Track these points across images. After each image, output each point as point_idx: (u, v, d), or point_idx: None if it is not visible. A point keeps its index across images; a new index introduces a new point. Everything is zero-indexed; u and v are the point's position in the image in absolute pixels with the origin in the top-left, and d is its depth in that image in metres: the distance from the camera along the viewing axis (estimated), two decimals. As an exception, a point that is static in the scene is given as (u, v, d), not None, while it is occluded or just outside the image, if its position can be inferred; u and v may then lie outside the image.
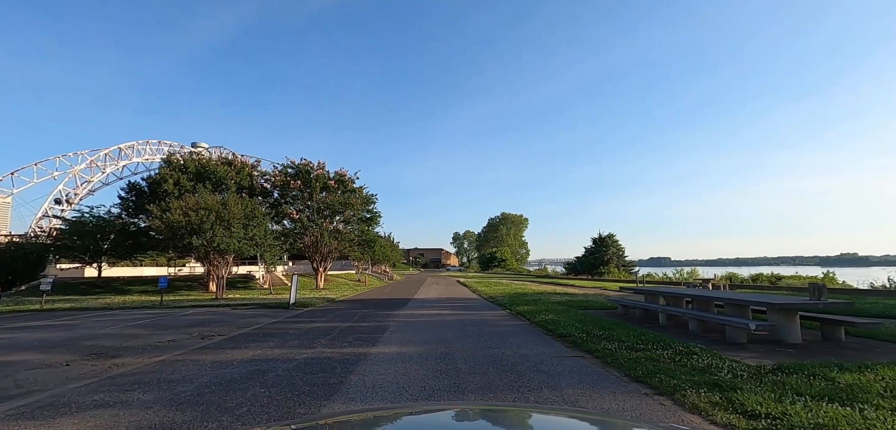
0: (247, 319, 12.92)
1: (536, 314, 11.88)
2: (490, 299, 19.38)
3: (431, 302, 18.43)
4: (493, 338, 8.90)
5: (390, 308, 15.69)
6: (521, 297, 18.92)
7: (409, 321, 11.88)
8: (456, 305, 17.19)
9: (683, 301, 10.77)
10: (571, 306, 14.41)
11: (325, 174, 26.14)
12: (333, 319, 12.66)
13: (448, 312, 14.37)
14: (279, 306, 16.09)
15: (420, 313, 13.87)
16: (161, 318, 13.26)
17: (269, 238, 21.18)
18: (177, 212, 17.93)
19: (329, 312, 14.65)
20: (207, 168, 22.64)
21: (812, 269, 55.93)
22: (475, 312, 14.26)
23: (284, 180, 25.43)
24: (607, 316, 11.73)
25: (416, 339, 8.91)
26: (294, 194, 25.66)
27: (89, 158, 32.57)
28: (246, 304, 17.19)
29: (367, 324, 11.35)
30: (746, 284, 28.32)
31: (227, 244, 18.22)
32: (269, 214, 26.50)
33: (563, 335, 8.73)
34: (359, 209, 27.20)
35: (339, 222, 27.70)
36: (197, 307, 16.22)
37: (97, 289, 24.19)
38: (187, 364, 6.81)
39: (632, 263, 53.53)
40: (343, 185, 26.56)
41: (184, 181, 21.54)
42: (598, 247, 53.19)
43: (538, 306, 14.23)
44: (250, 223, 19.80)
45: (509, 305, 15.50)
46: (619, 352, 6.85)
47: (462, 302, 18.45)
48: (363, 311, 14.82)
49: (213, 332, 10.41)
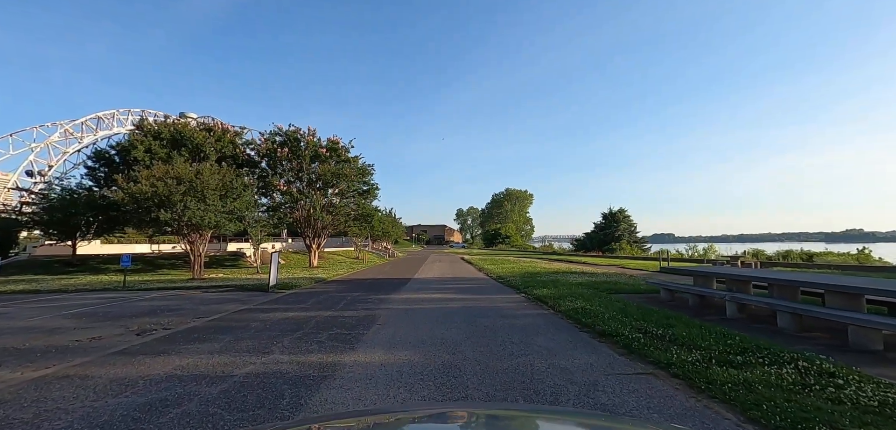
0: (212, 305, 10.80)
1: (561, 301, 9.66)
2: (499, 279, 17.20)
3: (433, 283, 16.28)
4: (513, 337, 6.69)
5: (385, 291, 13.55)
6: (535, 277, 16.73)
7: (405, 310, 9.70)
8: (461, 287, 15.02)
9: (750, 286, 8.50)
10: (598, 288, 12.18)
11: (317, 142, 23.71)
12: (314, 305, 10.51)
13: (452, 296, 12.19)
14: (258, 289, 13.99)
15: (419, 298, 11.70)
16: (110, 305, 11.17)
17: (252, 211, 18.95)
18: (144, 182, 15.71)
19: (313, 296, 12.53)
20: (184, 134, 20.30)
21: (818, 245, 53.45)
22: (484, 296, 12.07)
23: (271, 148, 23.06)
24: (649, 302, 9.50)
25: (411, 338, 6.72)
26: (283, 164, 23.33)
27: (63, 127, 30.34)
28: (222, 286, 15.11)
29: (352, 314, 9.18)
30: (776, 261, 25.99)
31: (202, 218, 16.05)
32: (257, 186, 24.24)
33: (607, 334, 6.49)
34: (354, 181, 24.86)
35: (334, 194, 25.39)
36: (164, 290, 14.15)
37: (71, 268, 22.26)
38: (71, 384, 4.65)
39: (643, 239, 51.20)
40: (336, 154, 24.15)
41: (156, 148, 19.23)
42: (608, 223, 50.80)
43: (559, 289, 12.01)
44: (229, 195, 17.56)
45: (523, 287, 13.30)
46: (709, 367, 4.61)
47: (468, 283, 16.28)
48: (353, 295, 12.68)
49: (158, 324, 8.29)
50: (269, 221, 24.19)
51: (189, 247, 17.81)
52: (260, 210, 26.49)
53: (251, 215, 19.79)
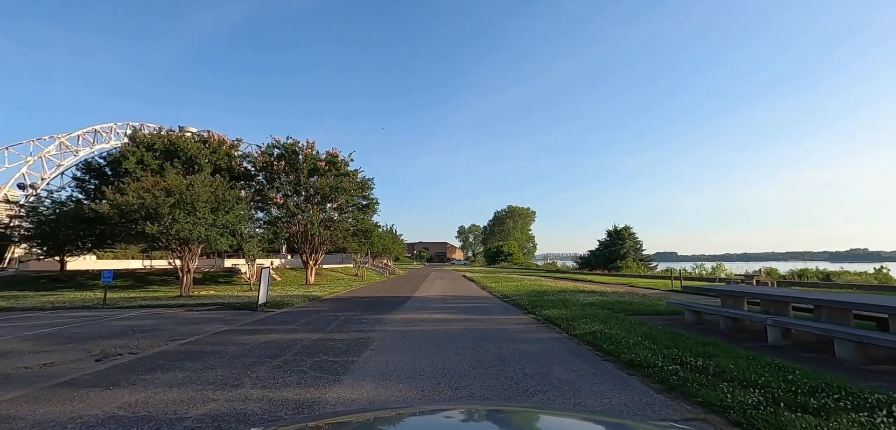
0: (192, 325, 9.89)
1: (575, 323, 8.71)
2: (505, 298, 16.23)
3: (434, 302, 15.33)
4: (527, 367, 5.76)
5: (382, 310, 12.62)
6: (542, 296, 15.77)
7: (403, 333, 8.77)
8: (464, 306, 14.07)
9: (790, 308, 7.56)
10: (612, 309, 11.22)
11: (315, 155, 23.06)
12: (303, 326, 9.58)
13: (454, 317, 11.24)
14: (245, 308, 13.07)
15: (418, 319, 10.75)
16: (82, 325, 10.26)
17: (245, 226, 18.14)
18: (131, 194, 14.96)
19: (304, 315, 11.60)
20: (178, 145, 19.66)
21: (823, 264, 52.17)
22: (489, 317, 11.12)
23: (268, 161, 22.41)
24: (673, 325, 8.54)
25: (407, 368, 5.80)
26: (280, 178, 22.63)
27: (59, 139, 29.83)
28: (210, 304, 14.19)
29: (343, 337, 8.26)
30: (792, 281, 24.90)
31: (190, 232, 15.23)
32: (253, 200, 23.50)
33: (636, 365, 5.56)
34: (353, 195, 24.10)
35: (332, 209, 24.62)
36: (146, 309, 13.25)
37: (58, 284, 21.39)
38: (-18, 430, 3.76)
39: (649, 257, 50.06)
40: (335, 167, 23.47)
41: (149, 160, 18.57)
42: (613, 240, 49.77)
43: (570, 309, 11.06)
44: (221, 208, 16.78)
45: (531, 307, 12.35)
46: (778, 413, 3.68)
47: (471, 303, 15.32)
48: (347, 314, 11.75)
49: (125, 348, 7.40)
50: (266, 236, 23.38)
51: (178, 262, 16.95)
52: (257, 225, 25.74)
53: (244, 230, 18.96)
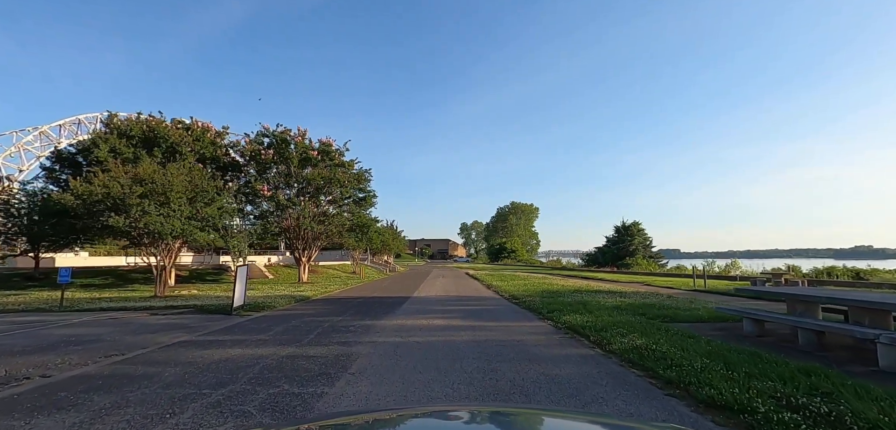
0: (145, 335, 8.29)
1: (607, 334, 7.05)
2: (513, 299, 14.58)
3: (435, 304, 13.69)
4: (561, 405, 4.09)
5: (375, 314, 10.99)
6: (556, 297, 14.12)
7: (395, 346, 7.12)
8: (469, 309, 12.43)
9: (891, 318, 5.88)
10: (644, 314, 9.55)
11: (307, 144, 21.42)
12: (275, 338, 7.95)
13: (458, 323, 9.59)
14: (220, 311, 11.46)
15: (415, 327, 9.10)
16: (17, 332, 8.67)
17: (228, 219, 16.53)
18: (96, 183, 13.38)
19: (283, 321, 9.98)
20: (157, 132, 18.07)
21: (828, 261, 50.25)
22: (500, 323, 9.47)
23: (256, 150, 20.79)
24: (730, 338, 6.87)
25: (394, 406, 4.14)
26: (269, 168, 21.01)
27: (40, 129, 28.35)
28: (182, 306, 12.60)
29: (319, 353, 6.63)
30: (822, 280, 23.14)
31: (162, 226, 13.63)
32: (242, 192, 21.91)
33: (723, 408, 3.89)
34: (348, 187, 22.45)
35: (326, 202, 22.99)
36: (105, 312, 11.66)
37: (31, 282, 19.89)
38: None
39: (659, 254, 48.26)
40: (328, 157, 21.82)
41: (123, 148, 16.99)
42: (621, 237, 47.99)
43: (593, 314, 9.39)
44: (199, 199, 15.17)
45: (546, 310, 10.68)
46: None
47: (476, 305, 13.67)
48: (333, 320, 10.12)
49: (44, 367, 5.82)
50: (254, 230, 21.81)
51: (153, 260, 15.35)
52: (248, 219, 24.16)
53: (225, 223, 17.36)
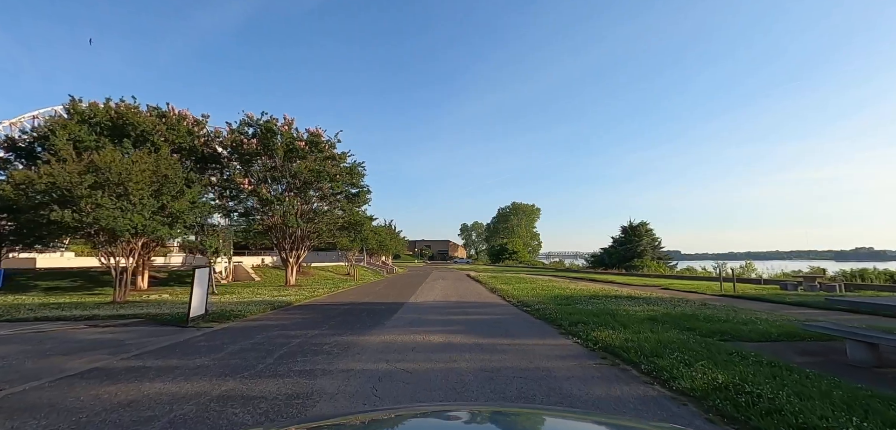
0: (56, 358, 6.41)
1: (662, 360, 5.19)
2: (523, 306, 12.68)
3: (432, 312, 11.81)
4: None
5: (361, 327, 9.11)
6: (571, 303, 12.26)
7: (375, 378, 5.24)
8: (472, 318, 10.54)
9: None
10: (693, 330, 7.66)
11: (294, 134, 19.55)
12: (223, 362, 6.07)
13: (461, 340, 7.70)
14: (175, 323, 9.57)
15: (406, 346, 7.22)
16: None
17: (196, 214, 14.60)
18: (41, 172, 11.52)
19: (245, 336, 8.10)
20: (126, 118, 16.22)
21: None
22: (513, 341, 7.58)
23: (238, 140, 18.92)
24: (828, 367, 5.01)
25: None
26: (250, 160, 19.12)
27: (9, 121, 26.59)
28: (132, 316, 10.69)
29: (271, 389, 4.75)
30: (857, 283, 21.24)
31: (117, 221, 11.76)
32: (223, 187, 20.05)
33: None
34: (339, 182, 20.55)
35: (316, 198, 21.11)
36: (40, 322, 9.76)
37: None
38: None
39: (667, 255, 46.35)
40: (317, 148, 19.95)
41: (84, 136, 15.14)
42: (628, 237, 46.09)
43: (629, 330, 7.51)
44: (166, 191, 13.29)
45: (566, 322, 8.81)
46: None
47: (481, 313, 11.78)
48: (308, 334, 8.24)
49: None
50: (238, 229, 19.96)
51: (113, 260, 13.46)
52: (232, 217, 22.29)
53: (201, 219, 15.50)
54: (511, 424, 1.20)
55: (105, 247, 13.07)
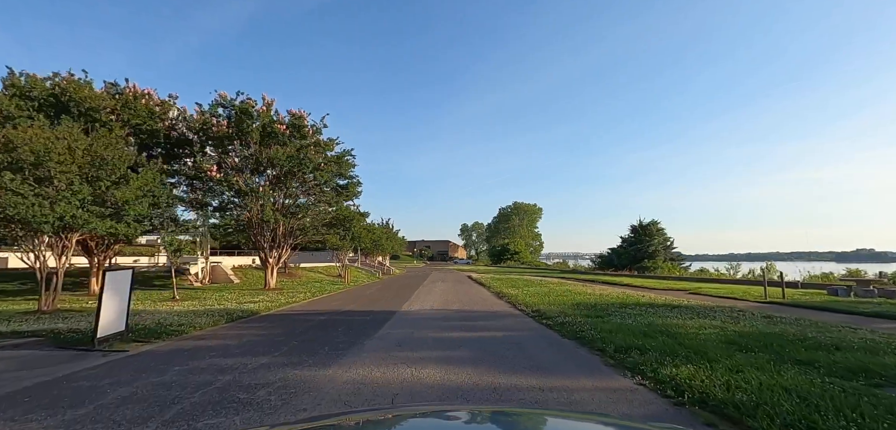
0: None
1: None
2: (540, 317, 10.23)
3: (428, 328, 9.37)
4: None
5: (329, 353, 6.68)
6: (602, 315, 9.86)
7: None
8: (480, 337, 8.09)
9: None
10: (806, 363, 5.25)
11: (273, 116, 17.12)
12: (89, 422, 3.63)
13: (467, 378, 5.26)
14: (77, 345, 7.13)
15: (384, 387, 4.77)
16: None
17: (142, 204, 12.12)
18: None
19: (162, 367, 5.68)
20: (70, 94, 13.78)
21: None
22: (543, 380, 5.12)
23: (206, 122, 16.46)
24: None
25: None
26: (224, 145, 16.64)
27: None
28: (28, 334, 8.24)
29: None
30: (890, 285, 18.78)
31: (32, 211, 9.35)
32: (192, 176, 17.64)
33: None
34: (325, 171, 18.08)
35: (299, 190, 18.66)
36: None
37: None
38: None
39: (681, 256, 43.91)
40: (299, 133, 17.52)
41: (15, 112, 12.72)
42: (639, 237, 43.64)
43: (726, 367, 5.12)
44: (104, 177, 10.88)
45: (610, 346, 6.39)
46: None
47: (490, 327, 9.35)
48: (252, 364, 5.81)
49: None
50: (206, 224, 17.56)
51: (32, 259, 11.01)
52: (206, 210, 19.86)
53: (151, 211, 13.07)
54: (511, 424, 1.21)
55: (24, 242, 10.65)
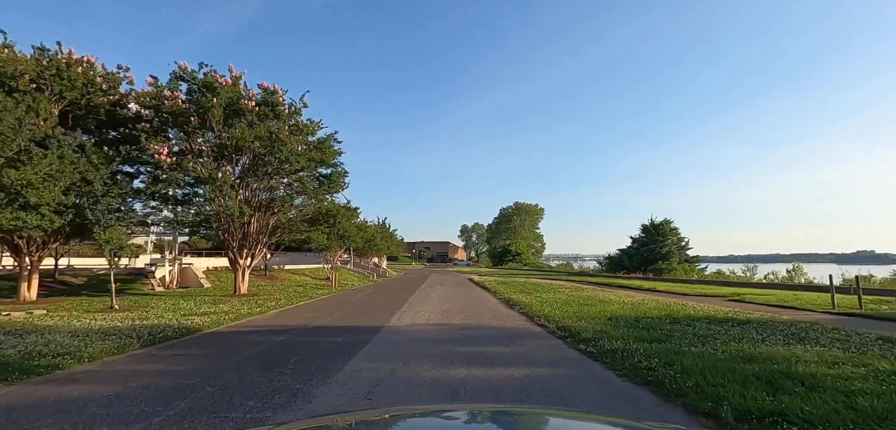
0: None
1: None
2: (571, 337, 7.51)
3: (419, 357, 6.65)
4: None
5: (264, 406, 3.98)
6: (655, 332, 7.19)
7: None
8: (497, 375, 5.34)
9: None
10: None
11: (240, 91, 14.38)
12: None
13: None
14: None
15: None
16: None
17: (52, 191, 9.39)
18: None
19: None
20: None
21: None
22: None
23: (158, 96, 13.65)
24: None
25: None
26: (168, 120, 13.78)
27: None
28: None
29: None
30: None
31: None
32: (136, 160, 14.88)
33: None
34: (303, 156, 15.25)
35: (273, 179, 15.89)
36: None
37: None
38: None
39: (697, 257, 41.15)
40: (273, 112, 14.79)
41: None
42: (651, 237, 40.89)
43: None
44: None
45: (702, 393, 3.73)
46: None
47: (507, 357, 6.61)
48: None
49: None
50: (146, 219, 14.83)
51: None
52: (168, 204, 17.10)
53: (47, 197, 10.28)
54: (511, 424, 1.20)
55: None
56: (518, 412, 1.43)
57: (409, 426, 1.13)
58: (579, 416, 1.64)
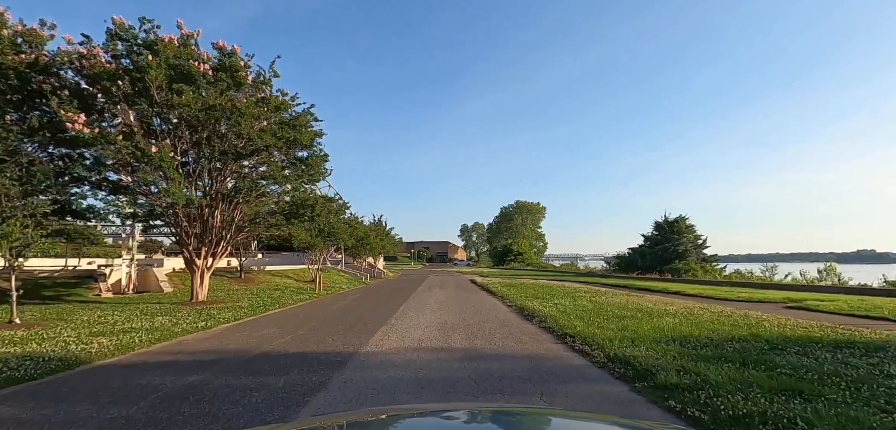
0: None
1: None
2: (643, 381, 4.78)
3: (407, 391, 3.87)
4: None
5: None
6: (755, 364, 4.42)
7: None
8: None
9: None
10: None
11: (191, 51, 11.59)
12: None
13: None
14: None
15: None
16: None
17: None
18: None
19: None
20: None
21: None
22: None
23: (79, 55, 10.90)
24: None
25: None
26: (93, 82, 10.93)
27: None
28: None
29: None
30: None
31: None
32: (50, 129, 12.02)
33: None
34: (268, 134, 12.30)
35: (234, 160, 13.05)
36: None
37: None
38: None
39: (714, 257, 38.43)
40: (232, 77, 12.00)
41: None
42: (665, 235, 38.17)
43: None
44: None
45: None
46: None
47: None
48: None
49: None
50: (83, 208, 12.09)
51: None
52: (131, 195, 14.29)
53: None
54: (511, 424, 1.19)
55: None
56: (518, 412, 1.42)
57: (409, 425, 1.12)
58: (579, 416, 1.67)
